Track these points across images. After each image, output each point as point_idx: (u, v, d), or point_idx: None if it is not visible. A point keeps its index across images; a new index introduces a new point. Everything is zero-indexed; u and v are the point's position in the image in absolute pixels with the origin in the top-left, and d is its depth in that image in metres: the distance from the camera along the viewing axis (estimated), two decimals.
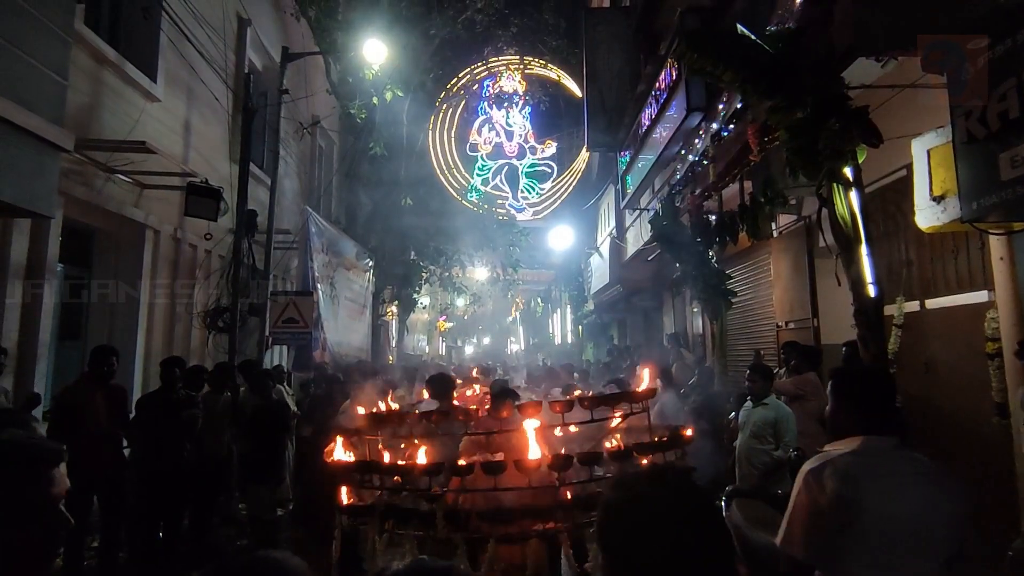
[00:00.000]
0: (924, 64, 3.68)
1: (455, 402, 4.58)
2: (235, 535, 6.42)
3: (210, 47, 7.97)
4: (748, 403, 5.19)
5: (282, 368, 9.17)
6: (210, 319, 8.01)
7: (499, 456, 2.50)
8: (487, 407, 2.71)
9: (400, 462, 2.80)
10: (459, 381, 6.20)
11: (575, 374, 8.98)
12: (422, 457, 2.53)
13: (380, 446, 3.01)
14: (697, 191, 6.84)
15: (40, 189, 4.59)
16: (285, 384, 8.74)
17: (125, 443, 5.37)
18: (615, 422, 2.95)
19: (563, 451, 2.59)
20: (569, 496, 2.42)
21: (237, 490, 6.81)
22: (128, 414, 5.38)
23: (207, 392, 6.25)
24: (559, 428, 2.87)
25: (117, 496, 5.09)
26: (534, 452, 2.46)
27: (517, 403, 2.68)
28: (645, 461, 2.65)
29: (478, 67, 18.25)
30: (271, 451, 5.76)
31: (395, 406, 4.15)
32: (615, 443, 2.66)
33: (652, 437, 2.78)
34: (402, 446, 3.22)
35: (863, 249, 3.96)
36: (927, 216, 4.04)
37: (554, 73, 18.62)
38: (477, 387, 6.90)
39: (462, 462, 2.43)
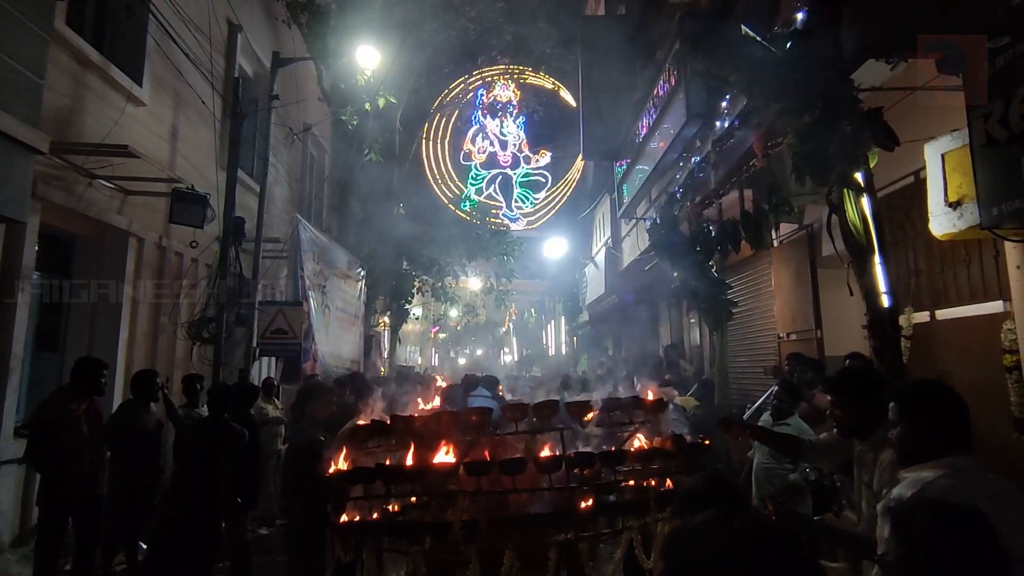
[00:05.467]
0: (940, 65, 3.55)
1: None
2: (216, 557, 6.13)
3: (199, 52, 7.78)
4: (767, 418, 4.95)
5: (272, 381, 8.89)
6: (195, 330, 7.75)
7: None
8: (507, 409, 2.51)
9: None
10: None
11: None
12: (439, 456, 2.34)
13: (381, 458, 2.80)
14: (697, 199, 6.70)
15: (11, 192, 4.36)
16: (275, 397, 8.47)
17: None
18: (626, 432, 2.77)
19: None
20: (589, 503, 2.23)
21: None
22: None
23: (183, 406, 5.96)
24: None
25: (93, 518, 4.81)
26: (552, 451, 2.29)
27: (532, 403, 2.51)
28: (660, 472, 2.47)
29: (471, 76, 18.16)
30: (227, 473, 4.89)
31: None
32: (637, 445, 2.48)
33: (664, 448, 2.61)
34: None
35: (876, 257, 3.82)
36: (942, 223, 3.89)
37: (548, 83, 18.54)
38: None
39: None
